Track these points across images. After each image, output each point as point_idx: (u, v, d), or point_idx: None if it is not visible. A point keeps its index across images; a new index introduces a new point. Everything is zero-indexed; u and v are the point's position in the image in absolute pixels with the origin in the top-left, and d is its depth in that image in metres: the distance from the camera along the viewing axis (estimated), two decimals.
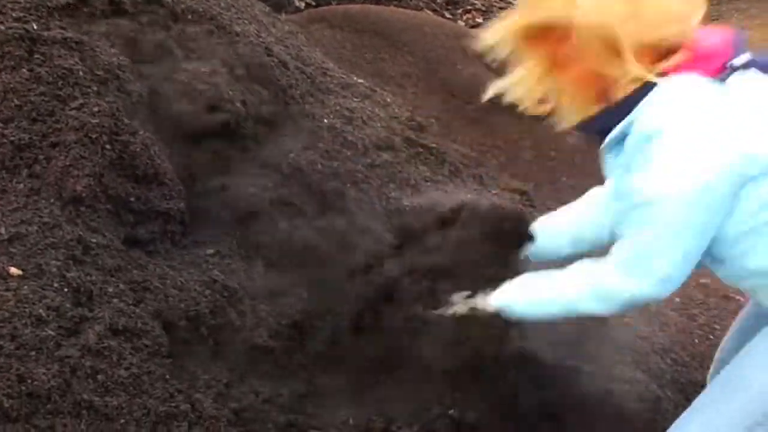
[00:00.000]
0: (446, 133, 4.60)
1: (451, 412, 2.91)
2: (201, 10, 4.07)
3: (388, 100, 4.60)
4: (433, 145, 4.18)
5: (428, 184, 3.79)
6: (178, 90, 3.59)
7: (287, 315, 3.11)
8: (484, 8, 10.85)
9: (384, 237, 3.35)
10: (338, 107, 4.15)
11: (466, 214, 2.68)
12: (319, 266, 3.34)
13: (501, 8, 11.05)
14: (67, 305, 2.60)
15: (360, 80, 4.73)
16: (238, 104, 3.70)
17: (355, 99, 4.35)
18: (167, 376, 2.62)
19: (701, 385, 3.43)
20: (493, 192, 3.99)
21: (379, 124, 4.19)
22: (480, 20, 10.62)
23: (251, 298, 3.09)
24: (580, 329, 3.35)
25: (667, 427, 2.56)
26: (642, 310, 3.66)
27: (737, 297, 4.39)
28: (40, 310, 2.54)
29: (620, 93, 2.27)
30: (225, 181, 3.45)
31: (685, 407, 3.25)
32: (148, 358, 2.63)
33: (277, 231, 3.43)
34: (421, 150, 4.14)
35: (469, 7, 10.74)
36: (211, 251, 3.20)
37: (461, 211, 2.72)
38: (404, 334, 2.96)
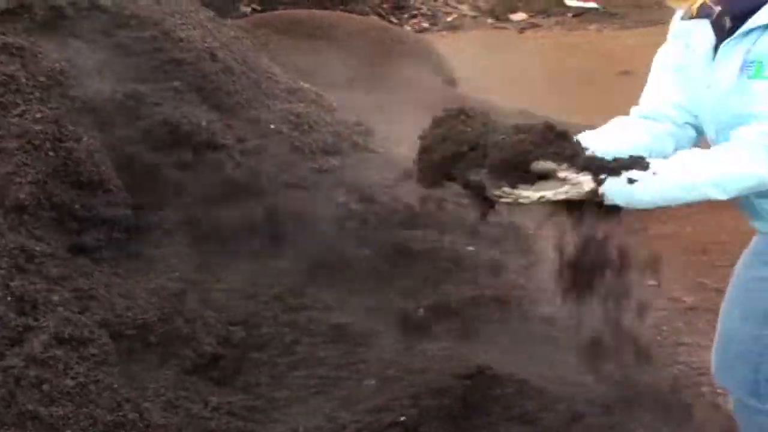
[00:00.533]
0: (393, 136, 4.61)
1: (402, 419, 2.91)
2: (144, 15, 4.05)
3: (335, 104, 4.60)
4: (381, 150, 4.19)
5: (376, 188, 3.80)
6: (122, 98, 3.58)
7: (236, 322, 3.10)
8: (429, 13, 10.89)
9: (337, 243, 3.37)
10: (285, 112, 4.14)
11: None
12: (269, 273, 3.34)
13: (446, 13, 11.12)
14: (11, 314, 2.57)
15: (306, 85, 4.73)
16: (184, 111, 3.69)
17: (301, 104, 4.35)
18: (115, 385, 2.60)
19: (650, 386, 3.47)
20: (442, 196, 4.00)
21: (326, 129, 4.19)
22: (426, 25, 10.66)
23: (199, 305, 3.07)
24: (529, 334, 3.37)
25: (616, 429, 2.57)
26: (589, 310, 3.69)
27: (684, 298, 4.44)
28: None
29: None
30: (172, 188, 3.44)
31: (633, 409, 3.28)
32: (95, 367, 2.60)
33: (224, 238, 3.42)
34: (368, 154, 4.14)
35: (414, 12, 10.78)
36: (157, 259, 3.18)
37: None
38: (358, 341, 2.97)
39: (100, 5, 3.99)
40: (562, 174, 2.18)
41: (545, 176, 2.17)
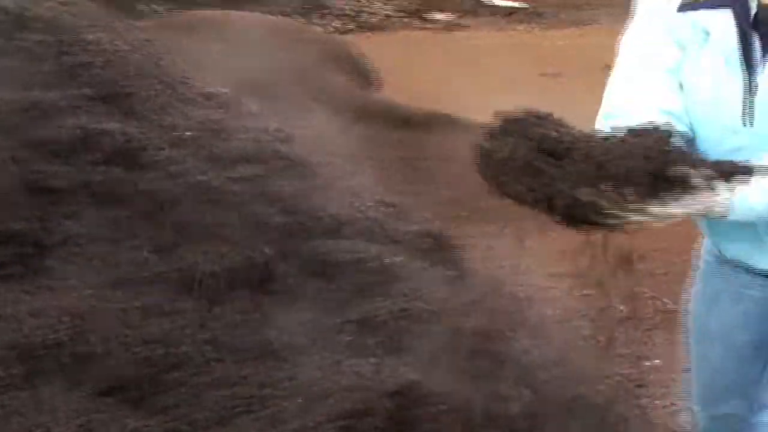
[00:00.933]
0: (315, 143, 4.63)
1: None
2: (49, 17, 4.02)
3: (255, 110, 4.61)
4: (302, 157, 4.20)
5: (298, 197, 3.81)
6: (27, 106, 3.55)
7: (153, 340, 3.09)
8: (352, 13, 10.93)
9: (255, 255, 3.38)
10: (201, 118, 4.14)
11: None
12: (187, 288, 3.33)
13: (370, 13, 11.17)
14: None
15: (224, 90, 4.72)
16: (94, 118, 3.67)
17: (218, 110, 4.34)
18: (23, 410, 2.59)
19: (586, 399, 3.54)
20: (368, 204, 4.03)
21: (245, 136, 4.19)
22: (351, 26, 10.70)
23: (113, 323, 3.06)
24: (460, 347, 3.41)
25: None
26: (522, 322, 3.75)
27: (620, 307, 4.53)
28: None
29: None
30: (82, 201, 3.42)
31: (570, 424, 3.34)
32: (3, 392, 2.59)
33: (138, 252, 3.40)
34: (289, 162, 4.15)
35: (336, 12, 10.81)
36: (69, 275, 3.17)
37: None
38: (283, 358, 2.98)
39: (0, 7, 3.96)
40: (700, 182, 1.93)
41: (674, 187, 1.91)
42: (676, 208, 1.91)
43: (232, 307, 3.23)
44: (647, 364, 4.15)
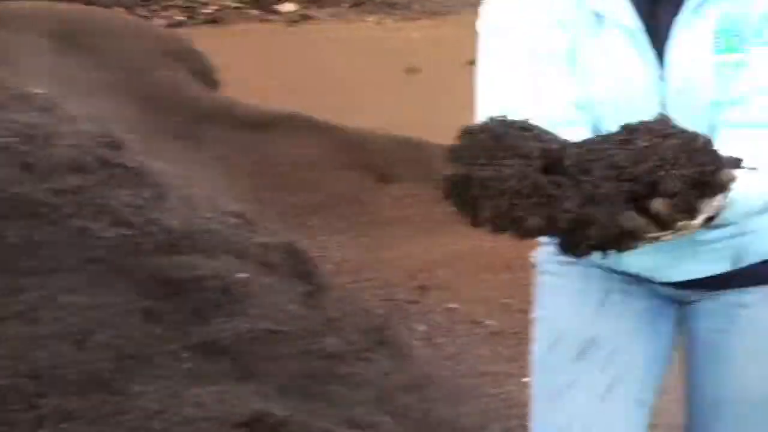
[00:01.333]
0: (148, 149, 4.58)
1: None
2: None
3: (75, 113, 4.54)
4: (133, 165, 4.15)
5: (129, 209, 3.76)
6: None
7: (6, 367, 3.02)
8: (185, 4, 10.86)
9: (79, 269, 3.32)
10: (13, 123, 4.06)
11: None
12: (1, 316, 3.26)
13: (204, 3, 11.12)
14: None
15: (39, 90, 4.65)
16: None
17: (33, 113, 4.27)
18: None
19: (454, 423, 3.57)
20: (209, 216, 4.01)
21: (65, 142, 4.12)
22: (182, 18, 10.63)
23: None
24: (313, 371, 3.41)
25: None
26: (381, 341, 3.77)
27: (487, 321, 4.58)
28: None
29: None
30: None
31: None
32: None
33: None
34: (118, 171, 4.10)
35: (167, 3, 10.72)
36: None
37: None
38: (115, 390, 2.94)
39: None
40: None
41: (716, 192, 1.76)
42: (705, 214, 1.77)
43: (54, 335, 3.17)
44: (518, 381, 4.19)
